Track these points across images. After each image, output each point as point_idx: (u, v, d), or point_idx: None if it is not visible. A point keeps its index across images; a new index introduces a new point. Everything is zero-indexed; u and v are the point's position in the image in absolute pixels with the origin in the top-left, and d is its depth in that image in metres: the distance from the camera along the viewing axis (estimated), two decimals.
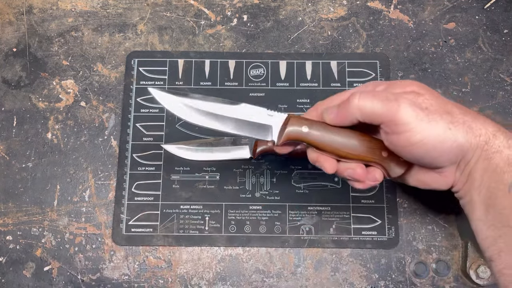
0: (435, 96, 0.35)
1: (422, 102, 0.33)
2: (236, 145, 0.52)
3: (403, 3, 0.58)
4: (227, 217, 0.52)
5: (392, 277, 0.50)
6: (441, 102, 0.34)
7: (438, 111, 0.33)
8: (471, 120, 0.33)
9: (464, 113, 0.34)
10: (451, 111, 0.34)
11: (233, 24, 0.58)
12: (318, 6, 0.59)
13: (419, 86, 0.36)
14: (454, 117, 0.33)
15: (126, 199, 0.52)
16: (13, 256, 0.51)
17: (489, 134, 0.33)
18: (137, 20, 0.58)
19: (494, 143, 0.33)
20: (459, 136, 0.33)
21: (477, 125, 0.33)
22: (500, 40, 0.56)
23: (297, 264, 0.51)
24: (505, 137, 0.33)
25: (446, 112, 0.33)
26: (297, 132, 0.36)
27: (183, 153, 0.53)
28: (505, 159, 0.32)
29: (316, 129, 0.35)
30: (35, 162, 0.54)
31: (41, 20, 0.59)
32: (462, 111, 0.34)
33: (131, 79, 0.56)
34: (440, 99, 0.35)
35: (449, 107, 0.34)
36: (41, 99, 0.56)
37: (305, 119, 0.36)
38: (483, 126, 0.33)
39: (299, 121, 0.36)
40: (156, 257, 0.51)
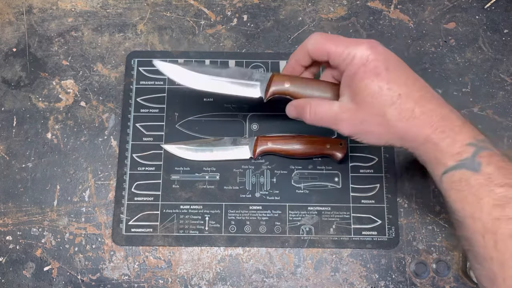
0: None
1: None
2: (236, 145, 0.52)
3: (403, 3, 0.58)
4: (227, 217, 0.52)
5: (392, 277, 0.50)
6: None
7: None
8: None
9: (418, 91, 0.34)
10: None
11: (233, 24, 0.58)
12: (318, 6, 0.58)
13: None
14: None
15: (126, 199, 0.52)
16: (13, 256, 0.51)
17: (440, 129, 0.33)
18: (137, 20, 0.58)
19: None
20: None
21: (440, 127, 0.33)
22: (500, 40, 0.56)
23: (297, 264, 0.51)
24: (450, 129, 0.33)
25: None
26: (280, 87, 0.42)
27: (183, 153, 0.53)
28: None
29: (295, 83, 0.41)
30: (35, 162, 0.54)
31: (41, 20, 0.59)
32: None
33: (131, 79, 0.56)
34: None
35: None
36: (41, 99, 0.56)
37: (286, 76, 0.42)
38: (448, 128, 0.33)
39: (282, 78, 0.42)
40: (156, 257, 0.51)
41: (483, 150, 0.31)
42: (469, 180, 0.31)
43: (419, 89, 0.34)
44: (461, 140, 0.32)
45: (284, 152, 0.51)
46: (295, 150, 0.51)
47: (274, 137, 0.52)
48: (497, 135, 0.53)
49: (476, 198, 0.30)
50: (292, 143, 0.51)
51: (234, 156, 0.53)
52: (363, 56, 0.35)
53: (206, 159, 0.53)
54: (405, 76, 0.35)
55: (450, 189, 0.32)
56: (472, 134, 0.32)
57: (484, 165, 0.31)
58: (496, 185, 0.30)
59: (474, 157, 0.31)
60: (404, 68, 0.35)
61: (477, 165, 0.31)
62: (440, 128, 0.32)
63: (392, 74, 0.34)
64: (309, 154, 0.51)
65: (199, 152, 0.53)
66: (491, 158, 0.31)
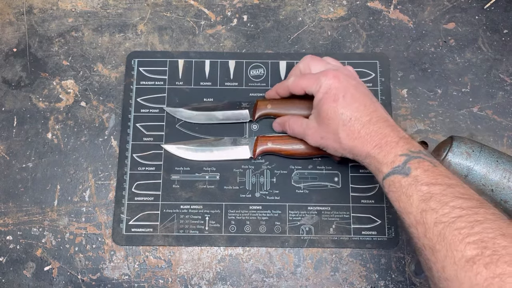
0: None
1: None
2: (236, 145, 0.52)
3: (403, 3, 0.58)
4: (227, 217, 0.52)
5: (392, 276, 0.50)
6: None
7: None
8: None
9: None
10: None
11: (233, 24, 0.58)
12: (318, 6, 0.59)
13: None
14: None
15: (126, 199, 0.52)
16: (13, 256, 0.51)
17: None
18: (137, 20, 0.58)
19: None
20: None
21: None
22: (500, 40, 0.56)
23: (297, 264, 0.51)
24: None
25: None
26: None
27: (183, 153, 0.53)
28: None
29: (276, 105, 0.53)
30: (35, 162, 0.54)
31: (41, 20, 0.59)
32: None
33: (131, 79, 0.56)
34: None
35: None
36: (41, 99, 0.56)
37: (267, 101, 0.53)
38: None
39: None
40: (156, 257, 0.51)
41: (414, 159, 0.38)
42: (401, 182, 0.38)
43: (368, 114, 0.42)
44: (395, 152, 0.39)
45: (284, 152, 0.51)
46: (295, 150, 0.51)
47: (274, 137, 0.52)
48: (497, 135, 0.53)
49: (407, 196, 0.37)
50: (292, 143, 0.51)
51: (234, 156, 0.53)
52: (327, 85, 0.44)
53: (206, 159, 0.53)
54: (358, 102, 0.42)
55: (389, 191, 0.39)
56: (406, 147, 0.39)
57: (413, 170, 0.37)
58: (422, 184, 0.36)
59: (405, 164, 0.38)
60: (360, 95, 0.43)
61: (407, 170, 0.38)
62: (378, 145, 0.40)
63: (347, 100, 0.42)
64: (309, 154, 0.51)
65: (199, 152, 0.53)
66: (419, 164, 0.38)
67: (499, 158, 0.44)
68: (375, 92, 0.55)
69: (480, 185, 0.44)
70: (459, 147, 0.44)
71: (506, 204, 0.43)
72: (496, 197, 0.43)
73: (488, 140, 0.53)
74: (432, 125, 0.54)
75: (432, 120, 0.54)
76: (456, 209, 0.34)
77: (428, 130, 0.54)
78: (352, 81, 0.44)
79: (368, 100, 0.43)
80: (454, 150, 0.44)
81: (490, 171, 0.43)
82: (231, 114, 0.53)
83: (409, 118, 0.54)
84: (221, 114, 0.53)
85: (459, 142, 0.45)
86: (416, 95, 0.55)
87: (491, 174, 0.43)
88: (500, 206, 0.44)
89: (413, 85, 0.55)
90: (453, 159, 0.44)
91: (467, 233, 0.32)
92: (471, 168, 0.43)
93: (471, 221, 0.33)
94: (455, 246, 0.32)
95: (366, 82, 0.55)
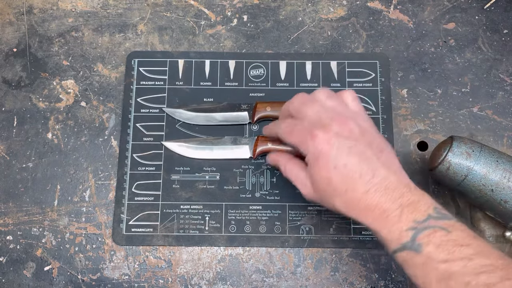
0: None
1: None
2: (236, 144, 0.53)
3: (403, 3, 0.58)
4: (227, 217, 0.52)
5: (392, 277, 0.50)
6: None
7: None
8: None
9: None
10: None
11: (233, 24, 0.58)
12: (318, 6, 0.59)
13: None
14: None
15: (126, 199, 0.52)
16: (13, 256, 0.51)
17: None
18: (137, 20, 0.58)
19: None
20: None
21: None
22: (500, 40, 0.56)
23: (297, 264, 0.51)
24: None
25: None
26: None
27: (183, 151, 0.53)
28: None
29: (275, 107, 0.53)
30: (36, 162, 0.54)
31: (41, 20, 0.59)
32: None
33: (131, 79, 0.56)
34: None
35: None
36: (42, 99, 0.56)
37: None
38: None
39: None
40: (156, 257, 0.51)
41: (422, 231, 0.34)
42: (414, 260, 0.34)
43: (365, 183, 0.37)
44: (399, 228, 0.35)
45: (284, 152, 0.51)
46: (294, 151, 0.51)
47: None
48: (497, 135, 0.53)
49: (423, 273, 0.34)
50: None
51: (234, 156, 0.53)
52: (316, 151, 0.38)
53: (206, 158, 0.53)
54: (353, 171, 0.37)
55: (402, 265, 0.36)
56: (411, 217, 0.35)
57: (424, 246, 0.34)
58: (439, 262, 0.33)
59: (413, 240, 0.34)
60: (355, 160, 0.37)
61: (417, 247, 0.34)
62: (378, 220, 0.36)
63: (340, 171, 0.37)
64: None
65: (199, 150, 0.53)
66: (430, 237, 0.34)
67: (499, 158, 0.44)
68: (375, 92, 0.55)
69: (480, 185, 0.44)
70: (459, 147, 0.44)
71: (506, 204, 0.43)
72: (496, 197, 0.43)
73: (488, 140, 0.53)
74: (432, 125, 0.54)
75: (432, 120, 0.54)
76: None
77: (428, 130, 0.54)
78: (346, 142, 0.38)
79: (365, 164, 0.37)
80: (454, 150, 0.44)
81: (490, 171, 0.43)
82: (230, 116, 0.53)
83: (409, 118, 0.54)
84: (221, 115, 0.53)
85: (459, 142, 0.45)
86: (416, 95, 0.55)
87: (491, 174, 0.43)
88: (500, 206, 0.44)
89: (413, 85, 0.55)
90: (453, 159, 0.44)
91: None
92: (471, 168, 0.43)
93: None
94: None
95: (366, 82, 0.55)
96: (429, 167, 0.47)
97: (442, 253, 0.33)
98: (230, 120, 0.54)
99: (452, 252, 0.33)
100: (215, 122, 0.54)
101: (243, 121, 0.54)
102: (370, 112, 0.54)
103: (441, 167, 0.45)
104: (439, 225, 0.34)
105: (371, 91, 0.55)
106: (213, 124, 0.54)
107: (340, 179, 0.37)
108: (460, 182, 0.44)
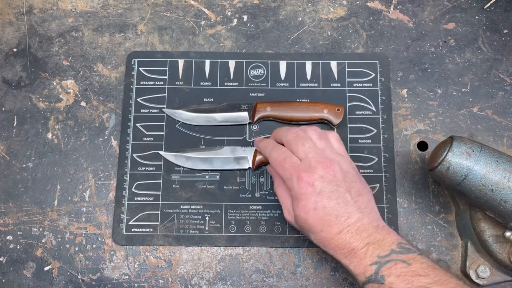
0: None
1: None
2: (235, 154, 0.52)
3: (403, 3, 0.58)
4: (227, 217, 0.52)
5: None
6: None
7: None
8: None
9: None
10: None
11: (233, 24, 0.58)
12: (318, 6, 0.59)
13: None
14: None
15: (126, 199, 0.52)
16: (13, 256, 0.51)
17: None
18: (137, 20, 0.58)
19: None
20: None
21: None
22: (500, 40, 0.56)
23: (297, 264, 0.51)
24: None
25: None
26: (264, 112, 0.53)
27: (182, 163, 0.53)
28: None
29: (275, 107, 0.53)
30: (36, 162, 0.54)
31: (41, 20, 0.59)
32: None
33: (131, 79, 0.56)
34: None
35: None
36: (42, 99, 0.56)
37: (267, 103, 0.53)
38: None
39: (264, 105, 0.53)
40: (156, 257, 0.51)
41: (385, 265, 0.38)
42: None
43: (339, 225, 0.41)
44: (364, 263, 0.39)
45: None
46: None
47: None
48: (497, 135, 0.53)
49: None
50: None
51: (234, 167, 0.53)
52: (298, 192, 0.42)
53: (205, 169, 0.53)
54: (329, 215, 0.41)
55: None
56: (375, 253, 0.39)
57: (386, 277, 0.38)
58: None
59: (377, 273, 0.38)
60: (333, 204, 0.41)
61: (380, 278, 0.38)
62: (348, 257, 0.40)
63: (318, 214, 0.41)
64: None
65: (197, 162, 0.53)
66: (391, 270, 0.38)
67: (499, 158, 0.44)
68: (375, 92, 0.55)
69: (480, 185, 0.44)
70: (459, 147, 0.44)
71: (506, 204, 0.43)
72: (496, 197, 0.43)
73: (488, 140, 0.53)
74: (432, 125, 0.54)
75: (432, 120, 0.54)
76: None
77: (428, 130, 0.54)
78: (328, 186, 0.42)
79: (342, 207, 0.41)
80: (454, 150, 0.44)
81: (490, 171, 0.43)
82: (230, 116, 0.53)
83: (409, 118, 0.54)
84: (221, 116, 0.53)
85: (459, 142, 0.45)
86: (416, 95, 0.55)
87: (491, 174, 0.43)
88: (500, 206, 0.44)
89: (413, 85, 0.55)
90: (453, 159, 0.44)
91: None
92: (471, 168, 0.43)
93: None
94: None
95: (366, 82, 0.55)
96: (429, 167, 0.47)
97: (402, 282, 0.37)
98: (230, 120, 0.54)
99: (411, 282, 0.37)
100: (215, 123, 0.54)
101: (243, 121, 0.54)
102: (370, 112, 0.54)
103: (441, 167, 0.45)
104: (400, 259, 0.38)
105: (371, 91, 0.55)
106: (213, 125, 0.54)
107: (317, 221, 0.41)
108: (460, 182, 0.44)
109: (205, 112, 0.54)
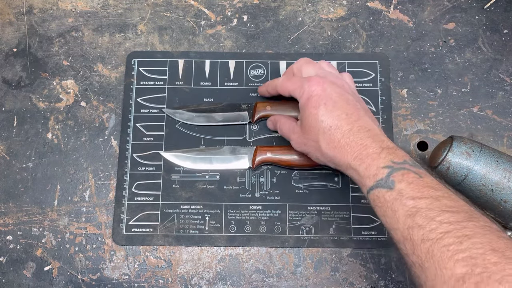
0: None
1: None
2: (235, 155, 0.52)
3: (403, 3, 0.58)
4: (227, 217, 0.52)
5: (392, 277, 0.50)
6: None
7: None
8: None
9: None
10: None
11: (233, 24, 0.58)
12: (318, 6, 0.59)
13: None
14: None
15: (126, 199, 0.52)
16: (13, 256, 0.51)
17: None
18: (137, 20, 0.58)
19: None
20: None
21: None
22: (500, 40, 0.56)
23: (297, 264, 0.51)
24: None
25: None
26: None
27: (182, 162, 0.53)
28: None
29: (275, 107, 0.53)
30: (36, 162, 0.54)
31: (41, 20, 0.59)
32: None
33: (131, 79, 0.56)
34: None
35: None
36: (42, 99, 0.56)
37: (267, 102, 0.53)
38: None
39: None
40: (156, 257, 0.51)
41: (397, 171, 0.36)
42: (385, 197, 0.36)
43: (350, 123, 0.40)
44: (377, 165, 0.37)
45: (284, 162, 0.51)
46: (294, 160, 0.51)
47: (274, 147, 0.52)
48: (497, 135, 0.53)
49: (392, 211, 0.35)
50: (292, 154, 0.51)
51: (234, 167, 0.53)
52: (309, 91, 0.43)
53: (205, 169, 0.53)
54: (340, 111, 0.41)
55: (374, 206, 0.38)
56: (389, 158, 0.37)
57: (397, 183, 0.36)
58: (407, 199, 0.35)
59: (388, 177, 0.36)
60: (343, 103, 0.41)
61: (391, 183, 0.36)
62: (359, 157, 0.39)
63: (328, 108, 0.41)
64: (308, 165, 0.51)
65: (198, 162, 0.53)
66: (404, 176, 0.36)
67: (499, 158, 0.44)
68: (375, 92, 0.55)
69: (480, 185, 0.44)
70: (459, 147, 0.44)
71: (506, 204, 0.43)
72: (496, 197, 0.43)
73: (488, 140, 0.53)
74: (432, 125, 0.54)
75: (432, 120, 0.54)
76: (443, 224, 0.32)
77: (428, 130, 0.54)
78: (337, 89, 0.43)
79: (352, 108, 0.41)
80: (454, 150, 0.44)
81: (490, 171, 0.43)
82: (231, 116, 0.54)
83: (409, 118, 0.54)
84: (221, 116, 0.54)
85: (459, 142, 0.45)
86: (416, 95, 0.55)
87: (491, 174, 0.43)
88: (500, 206, 0.44)
89: (413, 85, 0.55)
90: (453, 159, 0.44)
91: (455, 250, 0.30)
92: (471, 168, 0.43)
93: (459, 236, 0.31)
94: (444, 264, 0.30)
95: (366, 82, 0.55)
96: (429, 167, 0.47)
97: (413, 190, 0.35)
98: (230, 120, 0.54)
99: (421, 191, 0.35)
100: (215, 123, 0.54)
101: (243, 121, 0.54)
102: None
103: (441, 167, 0.45)
104: (413, 170, 0.37)
105: (371, 91, 0.55)
106: (213, 124, 0.54)
107: (327, 116, 0.41)
108: (460, 182, 0.44)
109: (205, 112, 0.54)
